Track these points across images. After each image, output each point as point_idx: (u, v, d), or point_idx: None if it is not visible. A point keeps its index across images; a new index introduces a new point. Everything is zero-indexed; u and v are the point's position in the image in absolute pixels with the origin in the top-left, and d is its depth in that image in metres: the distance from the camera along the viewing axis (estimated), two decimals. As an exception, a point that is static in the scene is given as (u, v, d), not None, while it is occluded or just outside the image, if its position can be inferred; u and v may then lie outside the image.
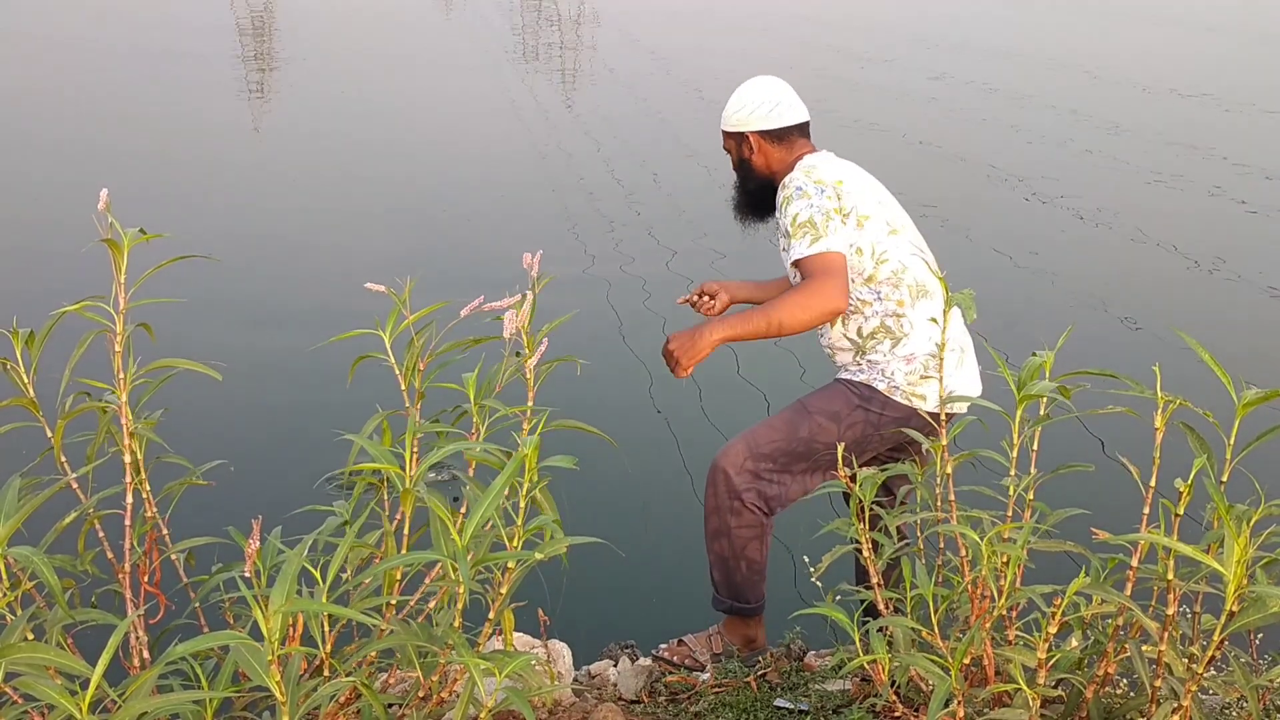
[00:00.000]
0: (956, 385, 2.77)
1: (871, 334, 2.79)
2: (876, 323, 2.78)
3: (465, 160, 9.59)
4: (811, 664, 2.92)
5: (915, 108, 11.57)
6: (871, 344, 2.79)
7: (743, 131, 2.89)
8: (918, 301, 2.77)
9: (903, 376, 2.76)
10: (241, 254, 6.86)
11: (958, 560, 2.19)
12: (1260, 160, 9.34)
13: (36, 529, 1.83)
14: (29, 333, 1.97)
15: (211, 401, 4.90)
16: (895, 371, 2.77)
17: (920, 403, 2.74)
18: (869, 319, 2.78)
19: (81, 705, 1.38)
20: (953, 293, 2.11)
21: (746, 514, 2.80)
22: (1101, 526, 1.85)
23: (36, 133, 10.27)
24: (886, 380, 2.77)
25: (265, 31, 17.43)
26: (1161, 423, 1.86)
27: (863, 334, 2.80)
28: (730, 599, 2.96)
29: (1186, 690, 1.86)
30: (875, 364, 2.80)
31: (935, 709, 1.83)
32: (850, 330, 2.81)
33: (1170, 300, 6.44)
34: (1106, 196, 8.38)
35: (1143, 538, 1.83)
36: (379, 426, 2.04)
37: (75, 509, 1.94)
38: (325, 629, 1.73)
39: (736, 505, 2.80)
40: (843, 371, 2.88)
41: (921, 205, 8.12)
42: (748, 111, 2.88)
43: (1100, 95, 11.96)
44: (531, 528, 1.79)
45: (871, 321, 2.78)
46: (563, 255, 6.80)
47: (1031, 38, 16.12)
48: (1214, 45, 15.67)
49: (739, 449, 2.80)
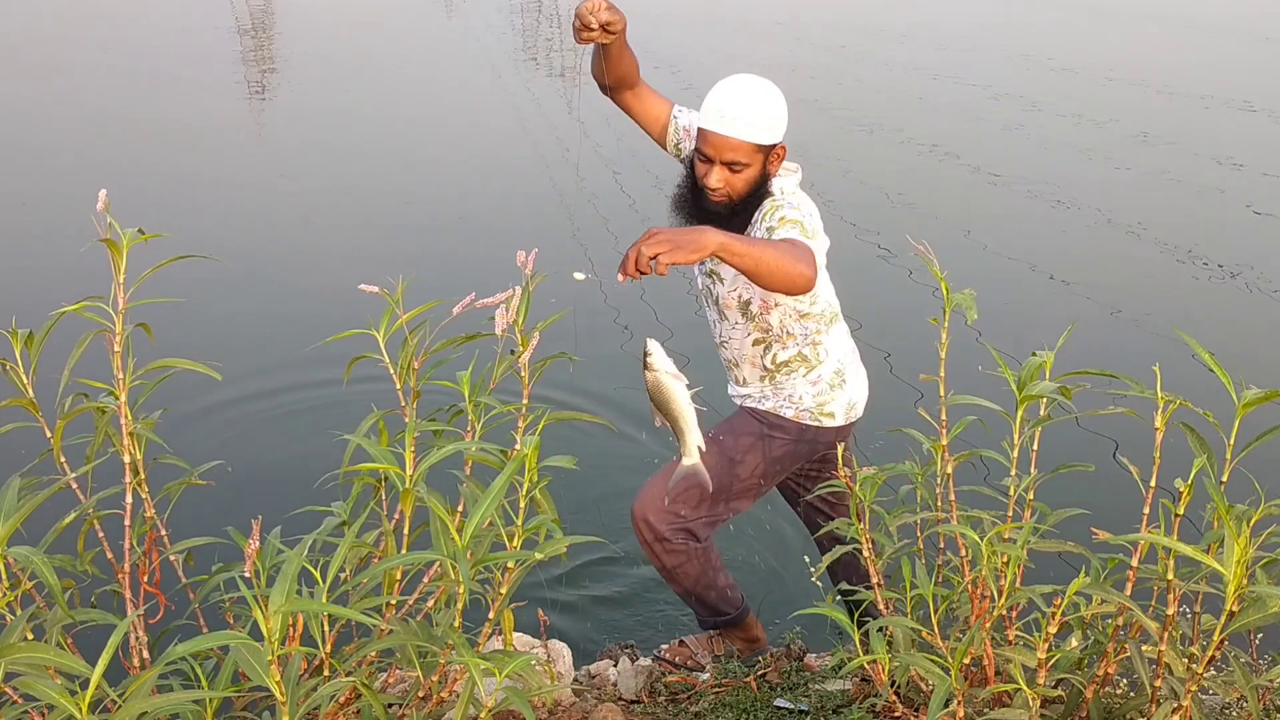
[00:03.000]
0: (859, 394, 2.87)
1: (785, 363, 2.78)
2: (793, 353, 2.77)
3: (464, 160, 9.58)
4: (811, 664, 2.92)
5: (914, 108, 11.57)
6: (784, 371, 2.79)
7: (777, 143, 2.59)
8: (832, 326, 2.81)
9: (811, 399, 2.79)
10: (241, 254, 6.86)
11: (958, 560, 2.19)
12: (1261, 160, 9.34)
13: (36, 529, 1.83)
14: (28, 333, 1.97)
15: (211, 401, 4.90)
16: (803, 395, 2.79)
17: (829, 420, 2.80)
18: (787, 349, 2.77)
19: (81, 705, 1.38)
20: (953, 293, 2.11)
21: (679, 550, 2.81)
22: (1101, 526, 1.85)
23: (36, 132, 10.27)
24: (795, 406, 2.79)
25: (265, 32, 17.43)
26: (1162, 423, 1.86)
27: (776, 362, 2.78)
28: (712, 617, 2.99)
29: (1186, 690, 1.86)
30: (781, 388, 2.80)
31: (935, 709, 1.83)
32: (766, 358, 2.79)
33: (1171, 301, 6.44)
34: (1107, 196, 8.38)
35: (1143, 538, 1.83)
36: (375, 425, 2.04)
37: (75, 509, 1.94)
38: (325, 629, 1.73)
39: (668, 546, 2.80)
40: (747, 400, 2.87)
41: (921, 205, 8.13)
42: (784, 116, 2.59)
43: (1105, 96, 11.96)
44: (531, 527, 1.79)
45: (789, 352, 2.77)
46: (563, 255, 6.80)
47: (1030, 38, 16.12)
48: (1217, 45, 15.68)
49: (655, 493, 2.77)
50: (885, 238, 7.17)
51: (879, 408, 3.07)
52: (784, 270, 2.32)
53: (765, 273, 2.30)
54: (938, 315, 2.14)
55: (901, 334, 5.52)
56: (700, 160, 2.59)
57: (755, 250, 2.28)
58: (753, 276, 2.31)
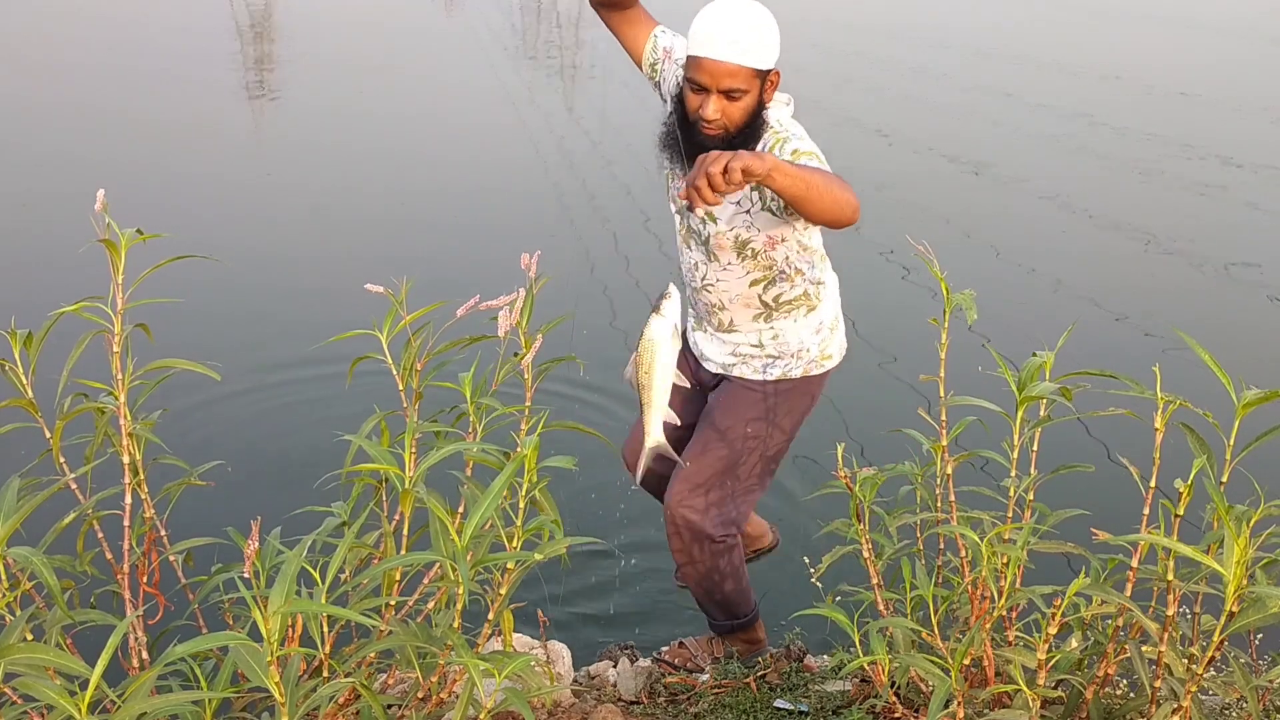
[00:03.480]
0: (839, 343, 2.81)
1: (789, 301, 2.65)
2: (800, 291, 2.65)
3: (464, 161, 9.58)
4: (811, 665, 2.92)
5: (914, 108, 11.57)
6: (783, 310, 2.65)
7: (773, 67, 2.43)
8: (827, 263, 2.73)
9: (816, 349, 2.72)
10: (240, 254, 6.86)
11: (958, 561, 2.19)
12: (1260, 160, 9.34)
13: (36, 529, 1.83)
14: (27, 334, 1.97)
15: (210, 402, 4.90)
16: (808, 346, 2.71)
17: (829, 364, 2.77)
18: (795, 286, 2.64)
19: (80, 706, 1.38)
20: (954, 294, 2.11)
21: (723, 547, 2.77)
22: (1101, 527, 1.85)
23: (34, 132, 10.27)
24: (802, 361, 2.71)
25: (264, 32, 17.43)
26: (1161, 423, 1.86)
27: (779, 300, 2.64)
28: (728, 619, 2.95)
29: (1186, 691, 1.86)
30: (781, 336, 2.68)
31: (935, 710, 1.83)
32: (768, 294, 2.63)
33: (1172, 301, 6.44)
34: (1108, 196, 8.38)
35: (1143, 538, 1.83)
36: (377, 426, 2.05)
37: (74, 509, 1.94)
38: (324, 630, 1.73)
39: (713, 547, 2.74)
40: (740, 365, 2.73)
41: (921, 205, 8.13)
42: (778, 39, 2.43)
43: (1105, 96, 11.96)
44: (531, 528, 1.79)
45: (796, 289, 2.64)
46: (563, 256, 6.80)
47: (1026, 39, 16.13)
48: (1220, 45, 15.69)
49: (688, 490, 2.70)
50: (887, 238, 7.17)
51: (880, 406, 3.07)
52: (834, 196, 2.16)
53: (816, 198, 2.12)
54: (943, 316, 2.14)
55: (901, 334, 5.52)
56: (693, 91, 2.41)
57: (805, 174, 2.11)
58: (801, 203, 2.13)
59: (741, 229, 2.55)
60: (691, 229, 2.64)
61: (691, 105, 2.42)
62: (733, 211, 2.52)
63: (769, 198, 2.44)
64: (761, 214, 2.51)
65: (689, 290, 2.75)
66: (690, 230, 2.65)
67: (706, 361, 2.81)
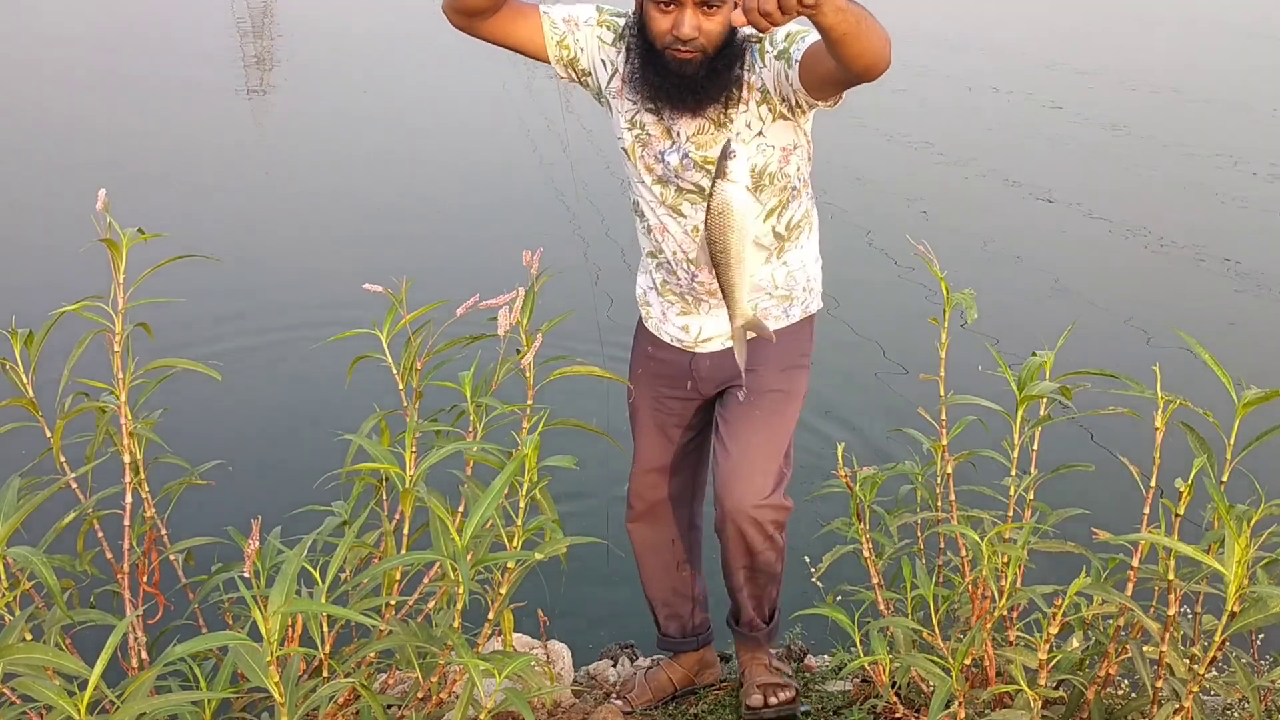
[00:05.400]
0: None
1: (797, 225, 2.37)
2: (804, 209, 2.38)
3: (464, 161, 9.58)
4: (812, 665, 2.91)
5: (919, 110, 11.57)
6: (793, 236, 2.38)
7: None
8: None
9: (818, 279, 2.48)
10: (241, 254, 6.86)
11: (958, 560, 2.19)
12: (1261, 160, 9.34)
13: (36, 529, 1.82)
14: (28, 333, 1.97)
15: (210, 402, 4.90)
16: (813, 276, 2.46)
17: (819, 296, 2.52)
18: (800, 203, 2.36)
19: (80, 706, 1.37)
20: (953, 292, 2.11)
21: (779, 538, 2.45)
22: (1102, 526, 1.85)
23: (34, 132, 10.27)
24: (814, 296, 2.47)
25: (264, 33, 17.43)
26: (1162, 423, 1.86)
27: (790, 225, 2.36)
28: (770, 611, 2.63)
29: (1188, 691, 1.86)
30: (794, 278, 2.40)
31: (936, 710, 1.83)
32: (780, 222, 2.34)
33: (1172, 301, 6.43)
34: (1108, 197, 8.38)
35: (1143, 538, 1.83)
36: (377, 426, 2.05)
37: (74, 509, 1.94)
38: (324, 629, 1.73)
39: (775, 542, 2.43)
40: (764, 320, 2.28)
41: (921, 204, 8.13)
42: None
43: (1111, 97, 11.96)
44: (531, 528, 1.79)
45: (801, 206, 2.37)
46: (563, 256, 6.80)
47: (1023, 39, 16.13)
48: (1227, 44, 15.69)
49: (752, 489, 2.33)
50: (892, 240, 7.17)
51: (880, 408, 3.06)
52: (877, 29, 1.86)
53: (864, 31, 1.83)
54: (942, 316, 2.14)
55: (897, 331, 5.52)
56: (660, 10, 2.09)
57: (852, 5, 1.81)
58: (850, 40, 1.83)
59: (757, 155, 2.24)
60: (683, 189, 2.29)
61: (660, 27, 2.10)
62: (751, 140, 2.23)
63: (777, 99, 2.18)
64: (774, 125, 2.22)
65: (674, 271, 2.40)
66: (681, 191, 2.30)
67: (706, 343, 2.45)
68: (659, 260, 2.42)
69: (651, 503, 2.60)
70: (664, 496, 2.60)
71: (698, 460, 2.62)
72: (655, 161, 2.29)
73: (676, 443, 2.56)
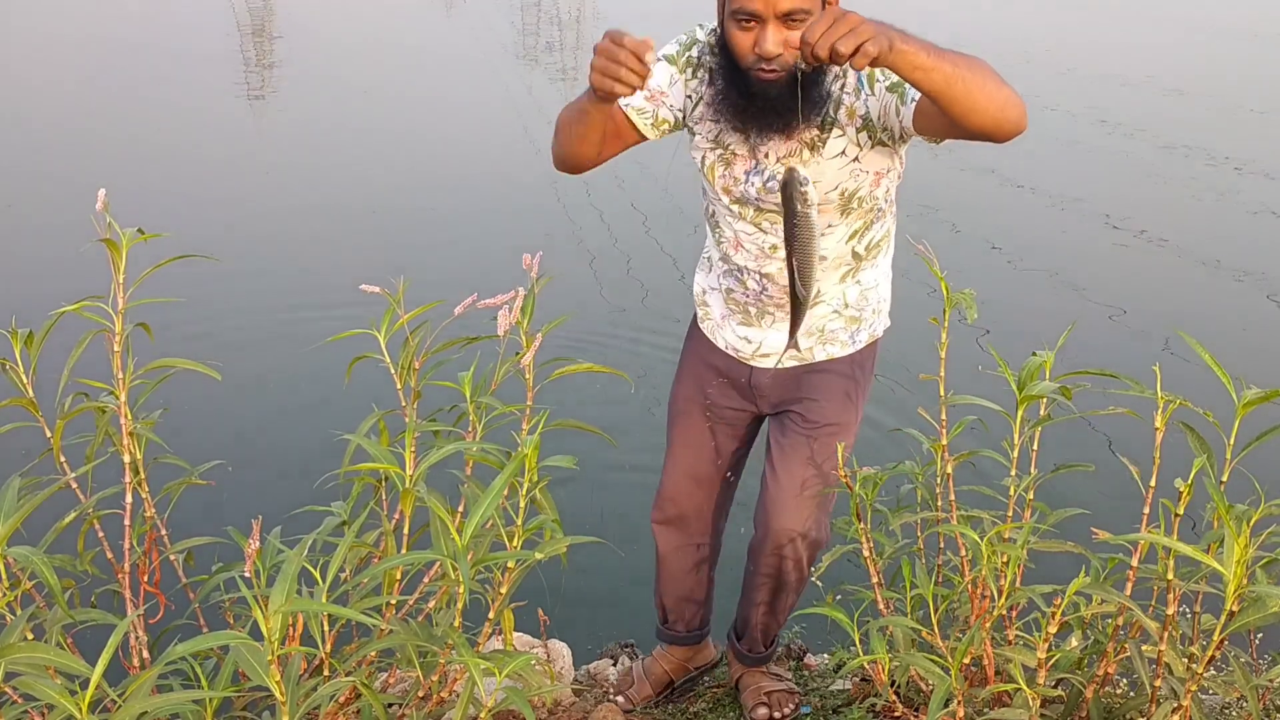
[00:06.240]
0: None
1: (876, 244, 2.29)
2: (886, 229, 2.31)
3: (465, 161, 9.58)
4: (811, 664, 2.92)
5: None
6: (870, 256, 2.30)
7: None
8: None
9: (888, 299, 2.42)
10: (241, 254, 6.86)
11: (958, 560, 2.19)
12: (1261, 161, 9.34)
13: (36, 529, 1.83)
14: (28, 333, 1.97)
15: (210, 402, 4.90)
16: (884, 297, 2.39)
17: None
18: (884, 224, 2.29)
19: (81, 705, 1.38)
20: (953, 292, 2.11)
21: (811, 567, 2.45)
22: (1101, 526, 1.85)
23: (34, 132, 10.27)
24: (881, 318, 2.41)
25: (264, 31, 17.43)
26: (1161, 423, 1.87)
27: (870, 245, 2.27)
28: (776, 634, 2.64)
29: (1186, 690, 1.86)
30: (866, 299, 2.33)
31: (935, 709, 1.83)
32: (861, 244, 2.25)
33: (1172, 301, 6.44)
34: (1109, 197, 8.38)
35: (1143, 538, 1.83)
36: (375, 425, 2.05)
37: (75, 509, 1.94)
38: (325, 629, 1.73)
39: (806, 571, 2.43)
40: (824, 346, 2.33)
41: (924, 206, 8.13)
42: None
43: (1104, 96, 11.97)
44: (531, 527, 1.79)
45: (884, 227, 2.29)
46: (564, 256, 6.80)
47: (1024, 38, 16.13)
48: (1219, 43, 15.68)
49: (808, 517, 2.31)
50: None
51: (880, 407, 3.06)
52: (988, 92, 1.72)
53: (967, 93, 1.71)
54: (942, 315, 2.14)
55: (897, 330, 5.51)
56: (741, 29, 1.96)
57: (947, 57, 1.69)
58: (946, 102, 1.73)
59: (848, 181, 2.15)
60: (763, 209, 2.20)
61: (743, 46, 1.98)
62: (837, 167, 2.12)
63: (879, 129, 2.08)
64: (871, 153, 2.12)
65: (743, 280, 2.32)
66: (761, 211, 2.21)
67: (764, 358, 2.37)
68: (728, 267, 2.35)
69: (684, 508, 2.55)
70: (697, 504, 2.55)
71: (736, 472, 2.58)
72: (734, 184, 2.21)
73: (722, 452, 2.51)
